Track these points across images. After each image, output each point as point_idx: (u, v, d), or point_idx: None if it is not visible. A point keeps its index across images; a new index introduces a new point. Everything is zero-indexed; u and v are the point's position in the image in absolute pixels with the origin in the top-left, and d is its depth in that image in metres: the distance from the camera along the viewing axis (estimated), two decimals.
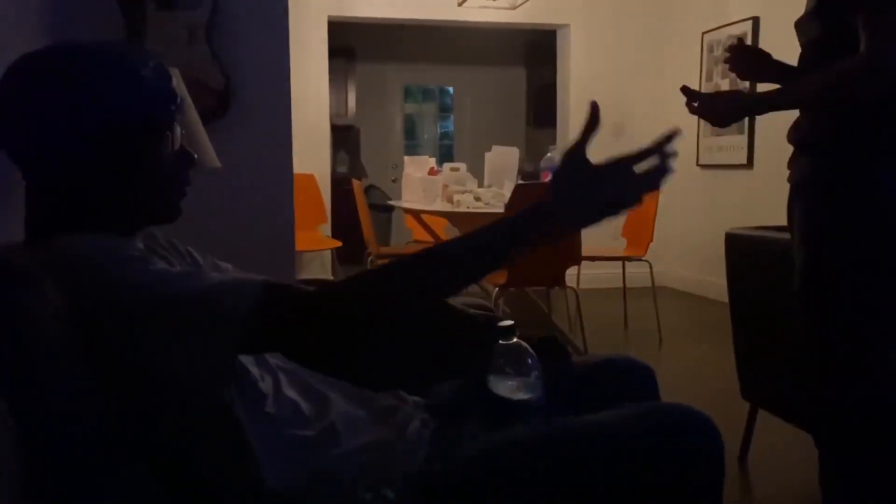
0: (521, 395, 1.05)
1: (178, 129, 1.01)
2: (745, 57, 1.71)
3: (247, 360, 1.04)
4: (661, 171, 0.89)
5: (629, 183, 0.89)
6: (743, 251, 2.23)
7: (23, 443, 0.74)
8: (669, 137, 0.90)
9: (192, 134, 1.73)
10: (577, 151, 0.90)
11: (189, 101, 1.84)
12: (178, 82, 1.02)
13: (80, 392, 0.82)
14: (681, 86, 1.59)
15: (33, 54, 0.96)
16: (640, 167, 0.90)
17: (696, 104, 1.52)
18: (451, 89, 8.33)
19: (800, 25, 1.53)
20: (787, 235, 1.64)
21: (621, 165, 0.89)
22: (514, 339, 1.08)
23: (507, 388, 1.06)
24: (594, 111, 0.91)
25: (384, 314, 0.89)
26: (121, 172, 0.96)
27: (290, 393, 1.04)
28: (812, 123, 1.50)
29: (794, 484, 2.17)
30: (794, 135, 1.56)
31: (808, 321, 1.50)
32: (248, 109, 2.27)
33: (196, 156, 1.04)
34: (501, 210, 3.36)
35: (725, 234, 2.29)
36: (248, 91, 2.27)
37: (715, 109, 1.50)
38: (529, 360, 1.07)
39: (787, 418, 2.11)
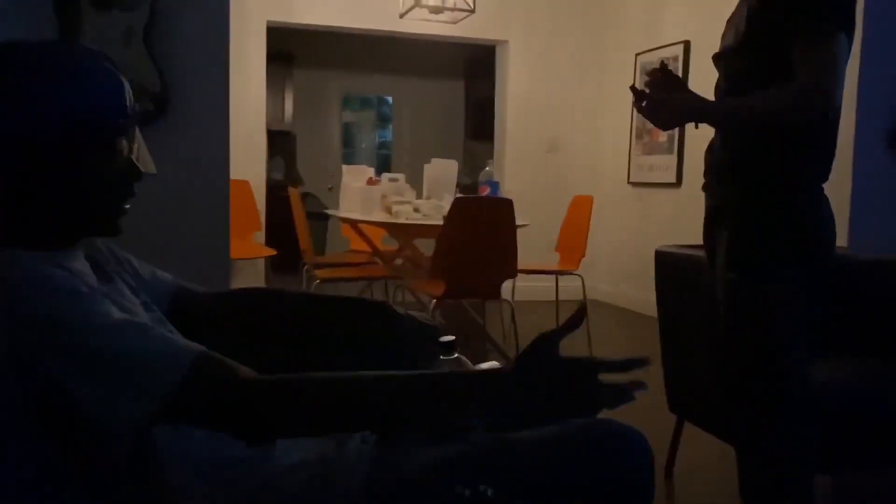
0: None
1: (124, 142, 0.97)
2: (666, 84, 1.75)
3: None
4: (624, 397, 0.84)
5: (590, 392, 0.85)
6: (671, 268, 2.32)
7: None
8: (641, 363, 0.87)
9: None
10: (550, 341, 0.88)
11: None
12: (129, 92, 0.97)
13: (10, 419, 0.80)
14: (630, 85, 1.63)
15: None
16: (606, 377, 0.86)
17: (643, 104, 1.56)
18: (390, 99, 8.35)
19: (723, 58, 1.60)
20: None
21: (589, 370, 0.85)
22: (455, 355, 1.10)
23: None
24: (580, 314, 0.92)
25: (307, 427, 0.87)
26: (63, 184, 0.92)
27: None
28: (731, 149, 1.57)
29: (719, 494, 2.25)
30: (711, 159, 1.64)
31: (730, 336, 1.57)
32: (186, 113, 2.23)
33: (143, 171, 1.01)
34: (440, 222, 3.39)
35: (655, 251, 2.36)
36: (186, 95, 2.23)
37: (659, 112, 1.54)
38: None
39: (711, 430, 2.20)
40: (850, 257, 2.34)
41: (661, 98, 1.55)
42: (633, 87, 1.58)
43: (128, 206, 1.00)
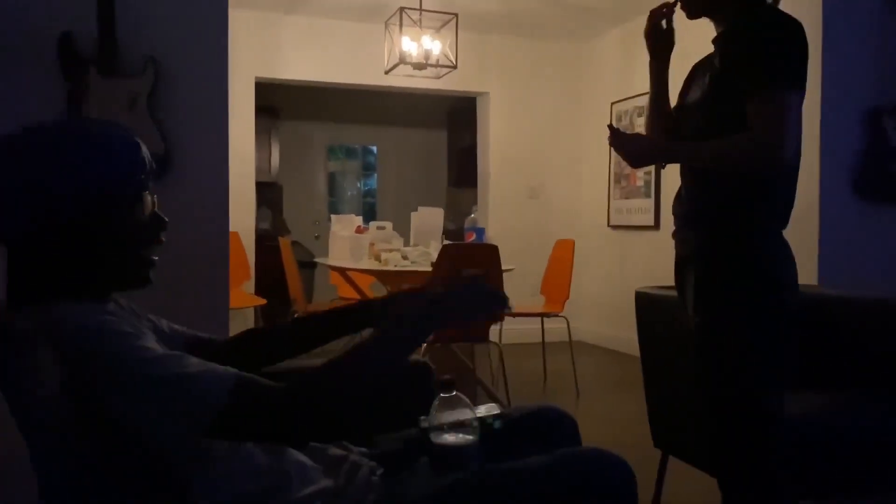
0: (460, 443, 1.17)
1: (148, 196, 1.10)
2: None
3: None
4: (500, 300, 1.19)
5: (488, 295, 1.17)
6: (651, 309, 2.43)
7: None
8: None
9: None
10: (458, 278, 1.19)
11: None
12: (147, 152, 1.11)
13: (69, 448, 0.90)
14: (608, 124, 1.77)
15: (13, 134, 1.04)
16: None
17: (618, 141, 1.68)
18: (374, 148, 8.53)
19: (686, 110, 1.75)
20: None
21: (478, 282, 1.18)
22: (454, 392, 1.20)
23: (446, 436, 1.17)
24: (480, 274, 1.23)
25: (337, 406, 1.01)
26: (96, 240, 1.05)
27: (249, 445, 1.13)
28: (695, 198, 1.71)
29: None
30: (678, 208, 1.77)
31: (704, 375, 1.68)
32: (187, 172, 2.34)
33: (167, 220, 1.14)
34: (429, 268, 3.50)
35: (635, 292, 2.48)
36: (187, 154, 2.34)
37: (632, 149, 1.67)
38: (467, 411, 1.19)
39: (694, 464, 2.29)
40: (819, 294, 2.48)
41: (633, 138, 1.70)
42: (610, 126, 1.71)
43: (156, 258, 1.12)
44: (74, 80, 2.15)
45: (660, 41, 1.82)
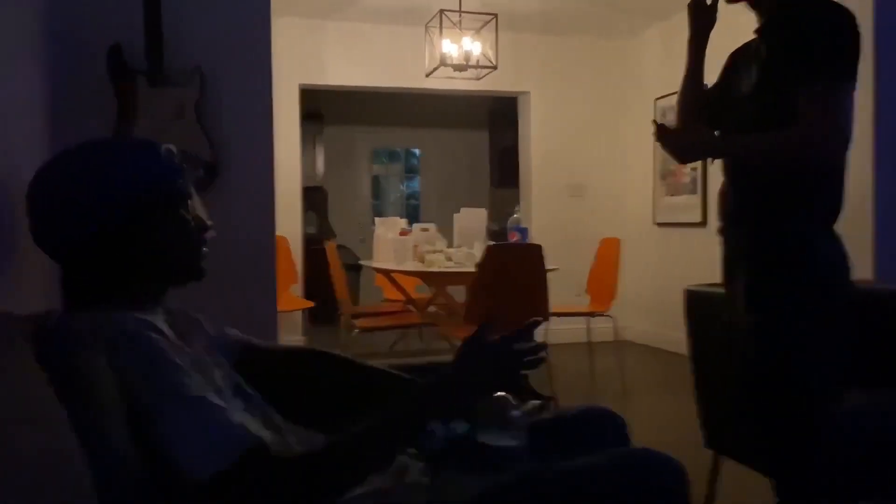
0: (508, 443, 1.16)
1: (191, 200, 1.16)
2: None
3: (256, 424, 1.14)
4: (537, 359, 1.15)
5: (512, 362, 1.13)
6: (701, 307, 2.39)
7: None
8: (532, 326, 1.20)
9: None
10: (478, 338, 1.14)
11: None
12: (178, 154, 1.18)
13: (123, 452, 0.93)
14: (652, 119, 1.75)
15: (56, 157, 1.11)
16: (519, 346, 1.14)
17: (664, 136, 1.66)
18: (417, 151, 8.57)
19: (735, 104, 1.70)
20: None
21: (504, 345, 1.13)
22: (501, 392, 1.20)
23: (494, 436, 1.17)
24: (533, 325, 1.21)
25: (347, 484, 1.03)
26: (147, 248, 1.11)
27: (298, 449, 1.14)
28: (742, 194, 1.67)
29: None
30: (724, 205, 1.73)
31: (758, 375, 1.64)
32: (234, 178, 2.38)
33: (210, 223, 1.18)
34: (472, 269, 3.50)
35: (685, 290, 2.44)
36: (234, 160, 2.39)
37: (679, 145, 1.65)
38: (515, 412, 1.19)
39: (747, 464, 2.24)
40: (875, 290, 2.40)
41: (680, 133, 1.66)
42: (655, 122, 1.69)
43: (206, 250, 1.19)
44: (124, 91, 2.20)
45: (702, 17, 1.78)
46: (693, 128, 1.75)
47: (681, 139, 1.67)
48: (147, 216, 1.10)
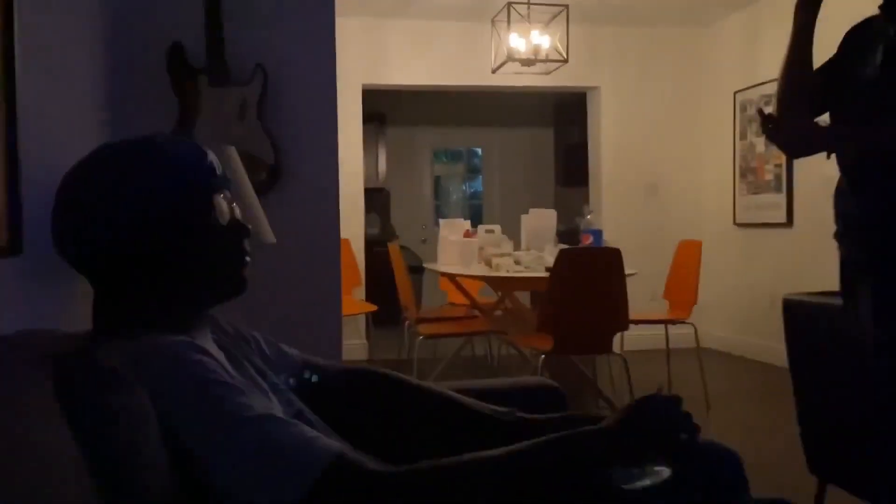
0: (645, 484, 0.97)
1: (223, 202, 1.02)
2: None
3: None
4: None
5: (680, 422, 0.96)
6: (804, 318, 2.16)
7: None
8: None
9: (249, 208, 1.73)
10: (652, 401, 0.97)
11: (244, 175, 1.85)
12: (214, 157, 1.03)
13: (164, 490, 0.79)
14: (757, 108, 1.54)
15: (71, 170, 0.98)
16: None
17: (772, 127, 1.46)
18: (479, 150, 8.41)
19: (856, 86, 1.48)
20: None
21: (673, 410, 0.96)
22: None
23: (639, 481, 0.98)
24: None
25: None
26: (175, 256, 0.97)
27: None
28: (866, 194, 1.45)
29: None
30: (844, 206, 1.51)
31: (887, 399, 1.43)
32: (298, 181, 2.28)
33: (250, 227, 1.04)
34: (543, 274, 3.32)
35: (783, 299, 2.22)
36: (298, 163, 2.28)
37: (791, 137, 1.44)
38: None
39: (859, 494, 2.01)
40: None
41: (792, 124, 1.45)
42: (760, 111, 1.49)
43: (248, 260, 1.04)
44: (185, 90, 2.12)
45: None
46: (804, 117, 1.53)
47: (793, 131, 1.46)
48: (179, 222, 0.97)
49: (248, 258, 1.04)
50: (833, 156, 1.51)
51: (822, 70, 1.55)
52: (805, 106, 1.52)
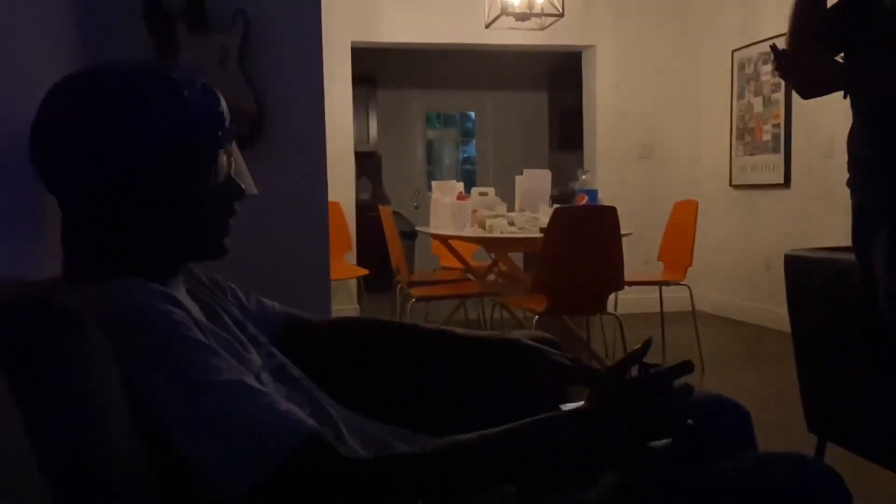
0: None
1: (224, 158, 0.92)
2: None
3: (304, 414, 0.94)
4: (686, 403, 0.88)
5: (669, 407, 0.87)
6: (807, 275, 2.10)
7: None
8: (683, 369, 0.90)
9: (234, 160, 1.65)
10: (618, 371, 0.92)
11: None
12: (225, 105, 0.93)
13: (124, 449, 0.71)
14: (770, 44, 1.44)
15: (72, 76, 0.87)
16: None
17: (787, 65, 1.37)
18: (472, 114, 8.28)
19: (879, 18, 1.39)
20: (850, 256, 1.51)
21: (663, 386, 0.88)
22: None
23: None
24: (646, 346, 0.94)
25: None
26: (163, 204, 0.87)
27: (353, 444, 0.93)
28: (883, 138, 1.37)
29: None
30: (857, 150, 1.43)
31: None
32: (282, 135, 2.19)
33: (244, 188, 0.95)
34: (537, 234, 3.25)
35: (785, 255, 2.16)
36: (282, 117, 2.19)
37: (806, 75, 1.35)
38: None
39: (863, 454, 1.96)
40: None
41: (807, 61, 1.36)
42: (773, 47, 1.40)
43: (231, 223, 0.95)
44: (162, 37, 2.01)
45: None
46: (818, 55, 1.43)
47: (809, 69, 1.37)
48: (177, 168, 0.86)
49: (231, 221, 0.95)
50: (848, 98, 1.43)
51: (837, 3, 1.46)
52: (819, 42, 1.42)
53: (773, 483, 0.86)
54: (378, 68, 7.13)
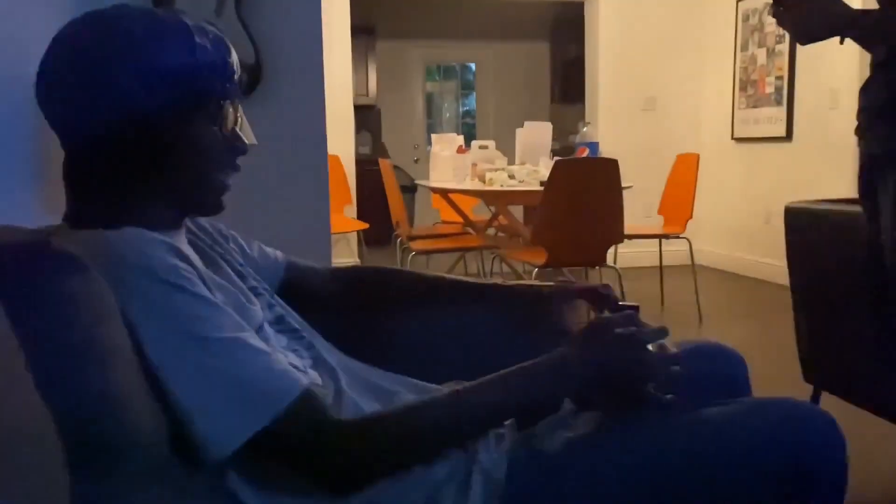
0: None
1: (231, 109, 0.90)
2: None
3: (305, 364, 0.95)
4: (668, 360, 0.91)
5: (643, 362, 0.90)
6: (806, 226, 2.10)
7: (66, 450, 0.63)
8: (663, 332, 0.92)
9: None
10: (604, 325, 0.93)
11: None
12: (235, 55, 0.91)
13: (131, 393, 0.72)
14: None
15: (83, 17, 0.86)
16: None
17: (780, 9, 1.33)
18: (472, 66, 8.18)
19: None
20: (851, 208, 1.50)
21: (638, 343, 0.90)
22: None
23: None
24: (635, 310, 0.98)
25: (406, 463, 0.84)
26: (167, 152, 0.86)
27: (353, 393, 0.95)
28: (891, 83, 1.36)
29: (874, 471, 2.04)
30: (867, 99, 1.42)
31: None
32: (280, 85, 2.16)
33: (248, 144, 0.94)
34: (538, 188, 3.24)
35: (785, 207, 2.16)
36: (281, 67, 2.16)
37: (805, 19, 1.31)
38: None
39: (858, 403, 1.99)
40: None
41: (802, 4, 1.33)
42: None
43: (230, 182, 0.94)
44: None
45: None
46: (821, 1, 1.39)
47: (808, 14, 1.34)
48: (183, 115, 0.85)
49: (231, 180, 0.93)
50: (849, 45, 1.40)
51: None
52: None
53: (767, 425, 0.87)
54: (377, 18, 7.02)
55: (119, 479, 0.66)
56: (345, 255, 5.22)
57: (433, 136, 4.46)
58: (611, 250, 3.83)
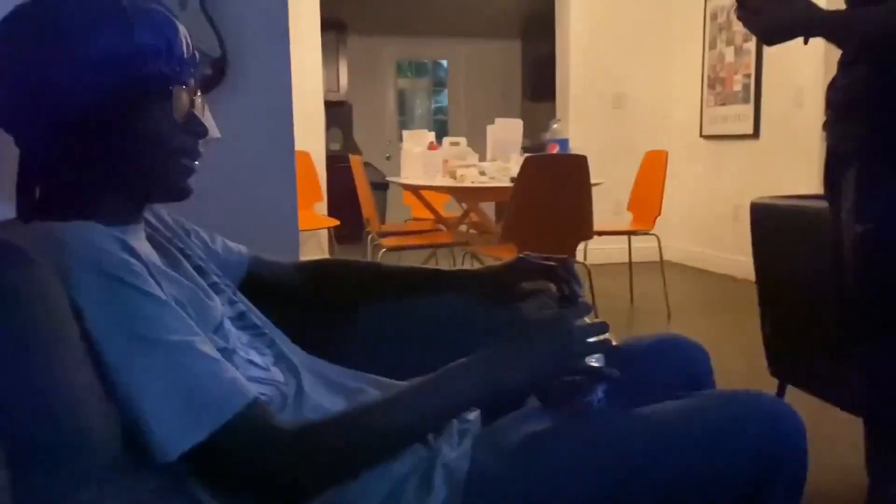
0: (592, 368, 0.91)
1: (183, 94, 0.87)
2: None
3: (266, 361, 0.93)
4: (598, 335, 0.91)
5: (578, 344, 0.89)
6: (771, 222, 2.13)
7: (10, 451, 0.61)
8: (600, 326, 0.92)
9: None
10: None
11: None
12: (185, 37, 0.88)
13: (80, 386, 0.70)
14: None
15: (17, 8, 0.83)
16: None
17: (747, 11, 1.33)
18: (444, 63, 8.17)
19: None
20: (815, 204, 1.52)
21: (565, 322, 0.90)
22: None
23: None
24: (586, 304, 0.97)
25: (351, 469, 0.82)
26: (117, 141, 0.84)
27: (314, 392, 0.93)
28: (857, 82, 1.37)
29: (832, 463, 2.08)
30: (834, 95, 1.44)
31: (863, 295, 1.39)
32: (246, 79, 2.13)
33: (207, 127, 0.91)
34: (508, 184, 3.24)
35: (751, 203, 2.18)
36: (247, 61, 2.13)
37: (768, 20, 1.31)
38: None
39: (822, 396, 2.02)
40: None
41: (767, 5, 1.34)
42: None
43: (196, 164, 0.91)
44: None
45: None
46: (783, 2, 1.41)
47: (771, 14, 1.34)
48: (130, 99, 0.82)
49: (196, 163, 0.90)
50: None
51: None
52: None
53: (732, 416, 0.88)
54: (348, 14, 6.97)
55: (64, 477, 0.64)
56: (315, 252, 5.18)
57: (405, 132, 4.44)
58: (580, 247, 3.87)
